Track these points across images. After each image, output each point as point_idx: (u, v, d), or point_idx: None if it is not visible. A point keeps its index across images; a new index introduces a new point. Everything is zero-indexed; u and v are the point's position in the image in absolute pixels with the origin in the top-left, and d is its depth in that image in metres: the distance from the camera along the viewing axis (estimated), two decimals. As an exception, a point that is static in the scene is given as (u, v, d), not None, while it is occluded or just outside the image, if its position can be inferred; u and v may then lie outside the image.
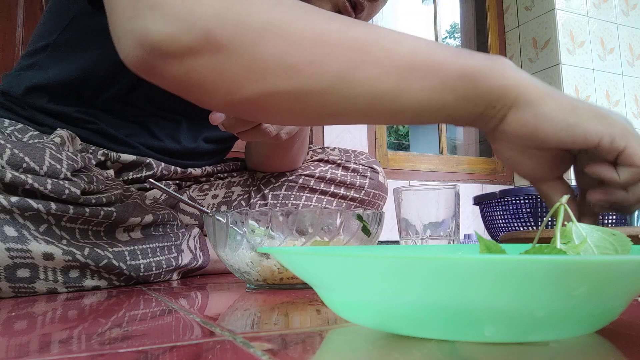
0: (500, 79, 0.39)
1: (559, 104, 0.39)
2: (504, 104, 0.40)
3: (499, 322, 0.20)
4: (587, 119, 0.39)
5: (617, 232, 0.26)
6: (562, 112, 0.39)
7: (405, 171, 2.03)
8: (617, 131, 0.39)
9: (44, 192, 0.47)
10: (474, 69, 0.39)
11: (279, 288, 0.47)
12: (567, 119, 0.39)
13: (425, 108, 0.40)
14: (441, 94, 0.40)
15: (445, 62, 0.39)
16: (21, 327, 0.30)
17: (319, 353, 0.22)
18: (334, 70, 0.39)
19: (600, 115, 0.39)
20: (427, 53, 0.39)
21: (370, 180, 0.87)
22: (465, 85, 0.39)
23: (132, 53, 0.40)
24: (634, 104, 2.23)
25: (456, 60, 0.39)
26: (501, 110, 0.41)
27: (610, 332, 0.24)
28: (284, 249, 0.31)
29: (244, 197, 0.83)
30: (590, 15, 2.18)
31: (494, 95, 0.40)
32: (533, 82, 0.40)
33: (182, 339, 0.25)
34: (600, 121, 0.39)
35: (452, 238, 0.57)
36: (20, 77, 0.68)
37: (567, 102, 0.40)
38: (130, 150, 0.72)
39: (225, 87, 0.40)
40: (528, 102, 0.40)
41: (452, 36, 6.92)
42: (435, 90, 0.39)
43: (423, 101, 0.40)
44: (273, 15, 0.38)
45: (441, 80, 0.39)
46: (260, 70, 0.39)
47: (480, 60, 0.40)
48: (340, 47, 0.39)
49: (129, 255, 0.54)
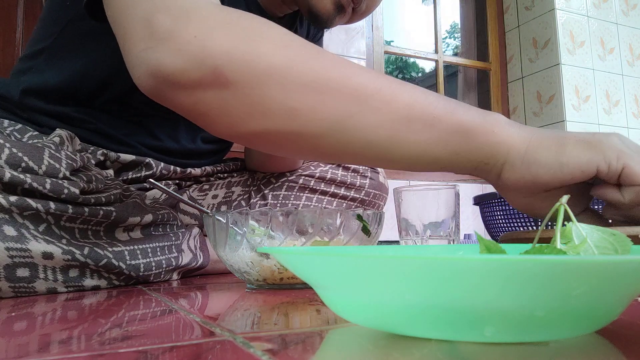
0: (491, 136, 0.41)
1: (547, 148, 0.41)
2: (497, 160, 0.42)
3: (499, 322, 0.20)
4: (577, 153, 0.40)
5: (617, 232, 0.26)
6: (553, 155, 0.41)
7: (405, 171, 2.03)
8: (611, 155, 0.40)
9: (43, 192, 0.47)
10: (466, 126, 0.41)
11: (279, 288, 0.47)
12: (559, 159, 0.40)
13: (419, 159, 0.42)
14: (434, 148, 0.41)
15: (439, 117, 0.41)
16: (21, 327, 0.30)
17: (319, 353, 0.22)
18: (332, 116, 0.41)
19: (590, 145, 0.40)
20: (423, 107, 0.41)
21: (370, 181, 0.87)
22: (458, 140, 0.41)
23: (146, 81, 0.42)
24: (634, 104, 2.23)
25: (450, 117, 0.41)
26: (495, 166, 0.42)
27: (610, 332, 0.24)
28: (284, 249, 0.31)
29: (244, 197, 0.83)
30: (590, 15, 2.18)
31: (485, 152, 0.41)
32: (521, 135, 0.42)
33: (182, 339, 0.25)
34: (592, 150, 0.40)
35: (452, 238, 0.57)
36: (17, 81, 0.68)
37: (555, 143, 0.41)
38: (129, 150, 0.72)
39: (228, 120, 0.42)
40: (519, 155, 0.41)
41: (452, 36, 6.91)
42: (429, 143, 0.41)
43: (416, 153, 0.42)
44: (279, 59, 0.40)
45: (434, 135, 0.41)
46: (262, 109, 0.41)
47: (473, 117, 0.41)
48: (340, 95, 0.40)
49: (129, 255, 0.54)
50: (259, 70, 0.40)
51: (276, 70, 0.40)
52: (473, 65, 2.33)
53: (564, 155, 0.40)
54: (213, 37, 0.40)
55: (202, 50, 0.39)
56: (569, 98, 2.04)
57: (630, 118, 2.21)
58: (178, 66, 0.40)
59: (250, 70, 0.40)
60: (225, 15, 0.42)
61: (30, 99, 0.67)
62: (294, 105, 0.40)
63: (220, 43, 0.40)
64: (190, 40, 0.40)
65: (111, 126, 0.71)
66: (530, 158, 0.41)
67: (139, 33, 0.42)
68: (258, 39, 0.40)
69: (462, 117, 0.41)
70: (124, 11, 0.44)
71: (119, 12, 0.45)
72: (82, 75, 0.67)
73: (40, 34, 0.69)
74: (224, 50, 0.40)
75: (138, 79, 0.43)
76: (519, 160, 0.41)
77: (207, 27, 0.40)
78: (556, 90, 2.05)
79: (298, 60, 0.40)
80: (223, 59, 0.40)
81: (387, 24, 2.17)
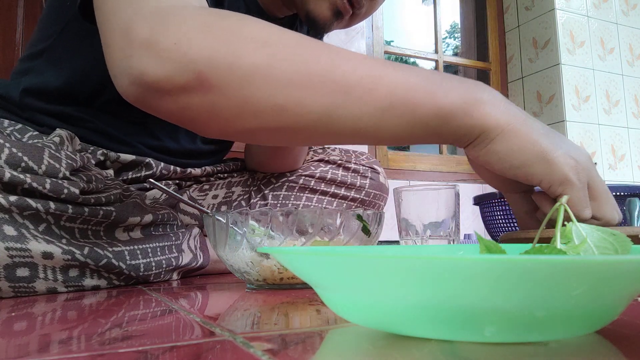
0: (468, 119, 0.43)
1: (511, 144, 0.43)
2: (469, 139, 0.44)
3: (499, 322, 0.20)
4: (531, 162, 0.42)
5: (617, 232, 0.26)
6: (511, 153, 0.43)
7: (405, 171, 2.03)
8: (556, 179, 0.42)
9: (43, 192, 0.47)
10: (445, 110, 0.42)
11: (279, 288, 0.47)
12: (511, 161, 0.43)
13: (402, 138, 0.45)
14: (417, 130, 0.43)
15: (419, 103, 0.42)
16: (21, 327, 0.30)
17: (319, 353, 0.22)
18: (319, 110, 0.42)
19: (546, 160, 0.42)
20: (404, 94, 0.42)
21: (370, 181, 0.87)
22: (437, 123, 0.43)
23: (129, 90, 0.43)
24: (634, 104, 2.23)
25: (430, 102, 0.42)
26: (466, 142, 0.45)
27: (610, 332, 0.24)
28: (284, 249, 0.31)
29: (244, 197, 0.83)
30: (590, 15, 2.18)
31: (461, 132, 0.43)
32: (499, 120, 0.43)
33: (182, 339, 0.25)
34: (544, 166, 0.42)
35: (452, 238, 0.57)
36: (17, 82, 0.68)
37: (522, 142, 0.43)
38: (129, 150, 0.72)
39: (217, 122, 0.43)
40: (487, 139, 0.43)
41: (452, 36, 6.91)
42: (411, 126, 0.43)
43: (399, 134, 0.44)
44: (260, 57, 0.41)
45: (416, 119, 0.43)
46: (249, 109, 0.42)
47: (453, 100, 0.43)
48: (324, 88, 0.41)
49: (129, 255, 0.54)
50: (242, 72, 0.40)
51: (258, 70, 0.40)
52: (473, 65, 2.33)
53: (519, 158, 0.43)
54: (193, 43, 0.40)
55: (183, 56, 0.40)
56: (569, 98, 2.04)
57: (630, 118, 2.21)
58: (161, 74, 0.40)
59: (234, 72, 0.40)
60: (205, 17, 0.42)
61: (31, 99, 0.67)
62: (280, 102, 0.41)
63: (201, 48, 0.40)
64: (170, 47, 0.40)
65: (111, 126, 0.71)
66: (493, 145, 0.43)
67: (119, 42, 0.42)
68: (238, 39, 0.41)
69: (442, 101, 0.42)
70: (106, 19, 0.45)
71: (102, 20, 0.46)
72: (82, 75, 0.67)
73: (40, 35, 0.69)
74: (205, 55, 0.40)
75: (121, 88, 0.44)
76: (484, 143, 0.43)
77: (186, 33, 0.40)
78: (556, 90, 2.05)
79: (279, 57, 0.41)
80: (205, 64, 0.40)
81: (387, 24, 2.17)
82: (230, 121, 0.42)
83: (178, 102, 0.42)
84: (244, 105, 0.41)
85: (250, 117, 0.42)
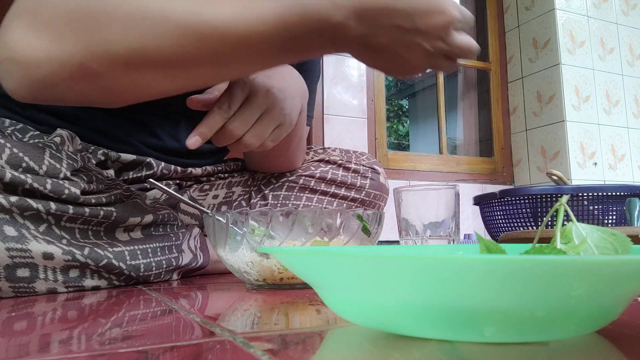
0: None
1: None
2: None
3: (499, 322, 0.20)
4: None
5: (617, 232, 0.26)
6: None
7: (405, 171, 2.03)
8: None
9: (44, 192, 0.47)
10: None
11: (279, 288, 0.47)
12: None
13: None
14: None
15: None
16: (21, 327, 0.30)
17: (319, 353, 0.22)
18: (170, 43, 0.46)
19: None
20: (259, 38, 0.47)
21: (371, 181, 0.87)
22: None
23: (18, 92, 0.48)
24: (634, 104, 2.23)
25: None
26: None
27: (610, 332, 0.24)
28: (284, 249, 0.31)
29: (245, 197, 0.83)
30: (590, 15, 2.18)
31: None
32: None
33: (182, 339, 0.25)
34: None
35: (452, 238, 0.57)
36: None
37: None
38: (130, 149, 0.72)
39: (116, 97, 0.50)
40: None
41: (452, 36, 6.87)
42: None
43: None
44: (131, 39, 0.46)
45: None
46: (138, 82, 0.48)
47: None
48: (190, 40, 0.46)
49: (129, 255, 0.54)
50: (119, 56, 0.45)
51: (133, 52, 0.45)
52: (473, 65, 2.33)
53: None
54: (65, 38, 0.45)
55: (60, 52, 0.45)
56: (569, 98, 2.04)
57: (630, 118, 2.21)
58: (46, 71, 0.45)
59: (110, 57, 0.45)
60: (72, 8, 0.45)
61: None
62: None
63: (74, 42, 0.45)
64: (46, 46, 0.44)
65: (112, 125, 0.71)
66: None
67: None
68: (105, 25, 0.45)
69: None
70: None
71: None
72: None
73: None
74: (79, 49, 0.45)
75: (8, 90, 0.48)
76: None
77: (56, 30, 0.45)
78: (556, 90, 2.05)
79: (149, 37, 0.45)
80: (83, 55, 0.45)
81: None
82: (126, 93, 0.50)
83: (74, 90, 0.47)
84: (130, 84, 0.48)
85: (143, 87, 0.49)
